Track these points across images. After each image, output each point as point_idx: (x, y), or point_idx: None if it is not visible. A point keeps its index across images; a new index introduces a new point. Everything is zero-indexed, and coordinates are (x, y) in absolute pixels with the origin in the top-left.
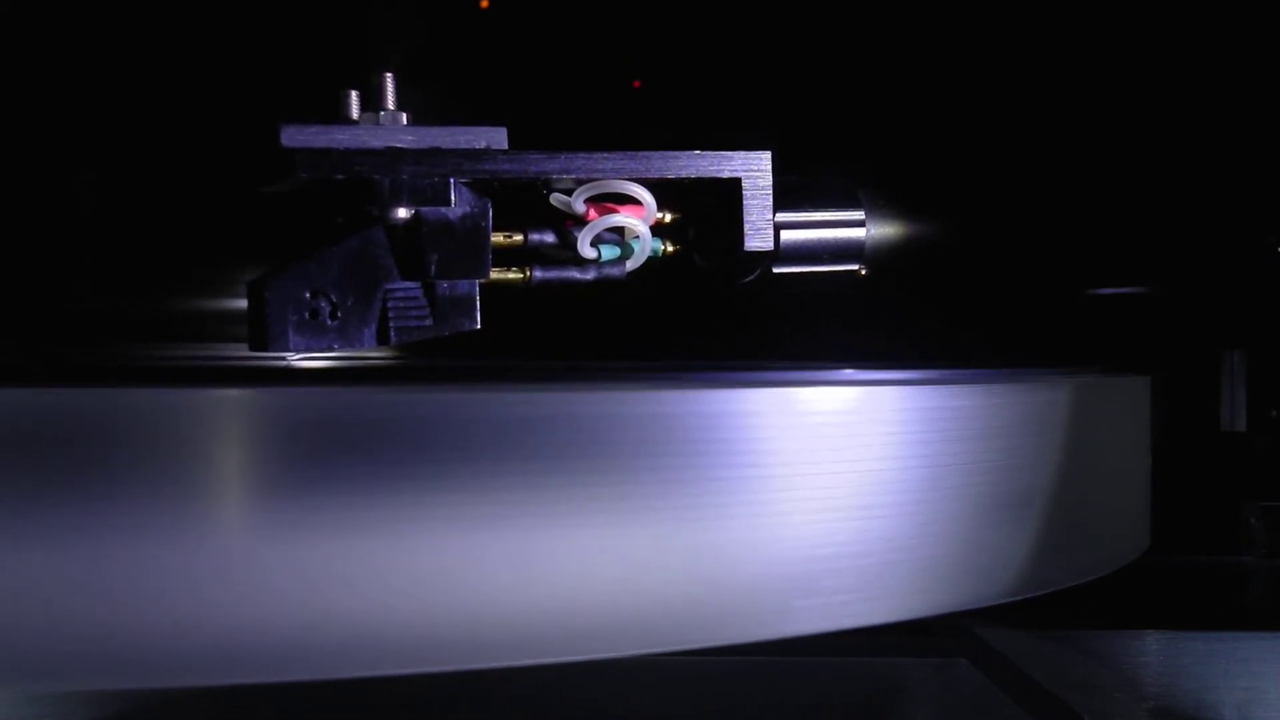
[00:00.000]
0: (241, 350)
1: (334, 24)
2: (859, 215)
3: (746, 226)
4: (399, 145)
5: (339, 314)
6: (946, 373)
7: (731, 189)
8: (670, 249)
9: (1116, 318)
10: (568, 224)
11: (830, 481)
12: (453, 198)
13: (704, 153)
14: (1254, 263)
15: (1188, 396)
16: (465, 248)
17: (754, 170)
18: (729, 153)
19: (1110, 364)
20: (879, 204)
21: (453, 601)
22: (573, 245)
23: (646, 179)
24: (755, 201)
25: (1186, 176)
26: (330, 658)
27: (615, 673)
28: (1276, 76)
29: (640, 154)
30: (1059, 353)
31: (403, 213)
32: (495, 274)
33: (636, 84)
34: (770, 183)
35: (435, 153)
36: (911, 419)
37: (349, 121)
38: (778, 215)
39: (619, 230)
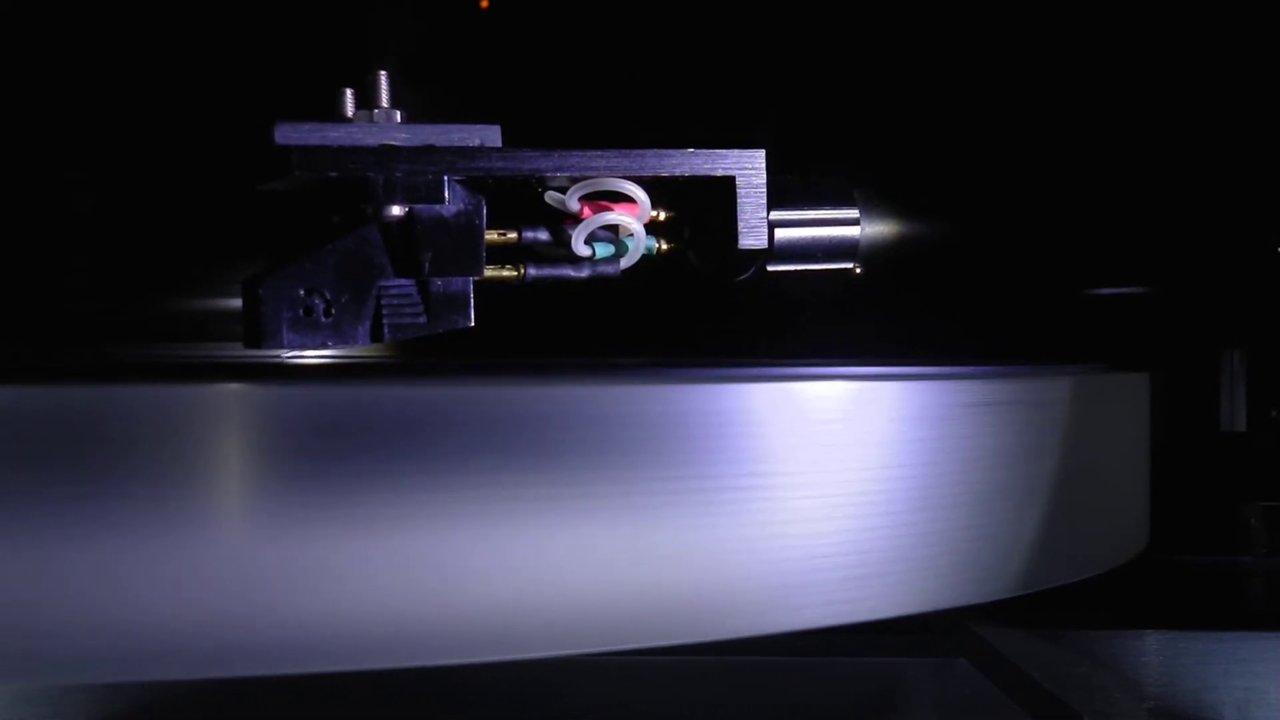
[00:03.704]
0: (236, 348)
1: (332, 23)
2: (853, 213)
3: (741, 225)
4: (393, 143)
5: (333, 311)
6: (945, 369)
7: (726, 187)
8: (664, 247)
9: (1116, 317)
10: (564, 222)
11: (829, 476)
12: (447, 195)
13: (698, 151)
14: (1254, 263)
15: (1188, 396)
16: (459, 245)
17: (748, 168)
18: (723, 151)
19: (1110, 363)
20: (874, 202)
21: (450, 597)
22: (567, 243)
23: (641, 177)
24: (749, 200)
25: (1186, 176)
26: (327, 652)
27: (615, 672)
28: (1276, 76)
29: (634, 152)
30: (1058, 352)
31: (397, 210)
32: (489, 272)
33: (634, 83)
34: (764, 181)
35: (429, 150)
36: (910, 414)
37: (344, 120)
38: (772, 213)
39: (613, 228)
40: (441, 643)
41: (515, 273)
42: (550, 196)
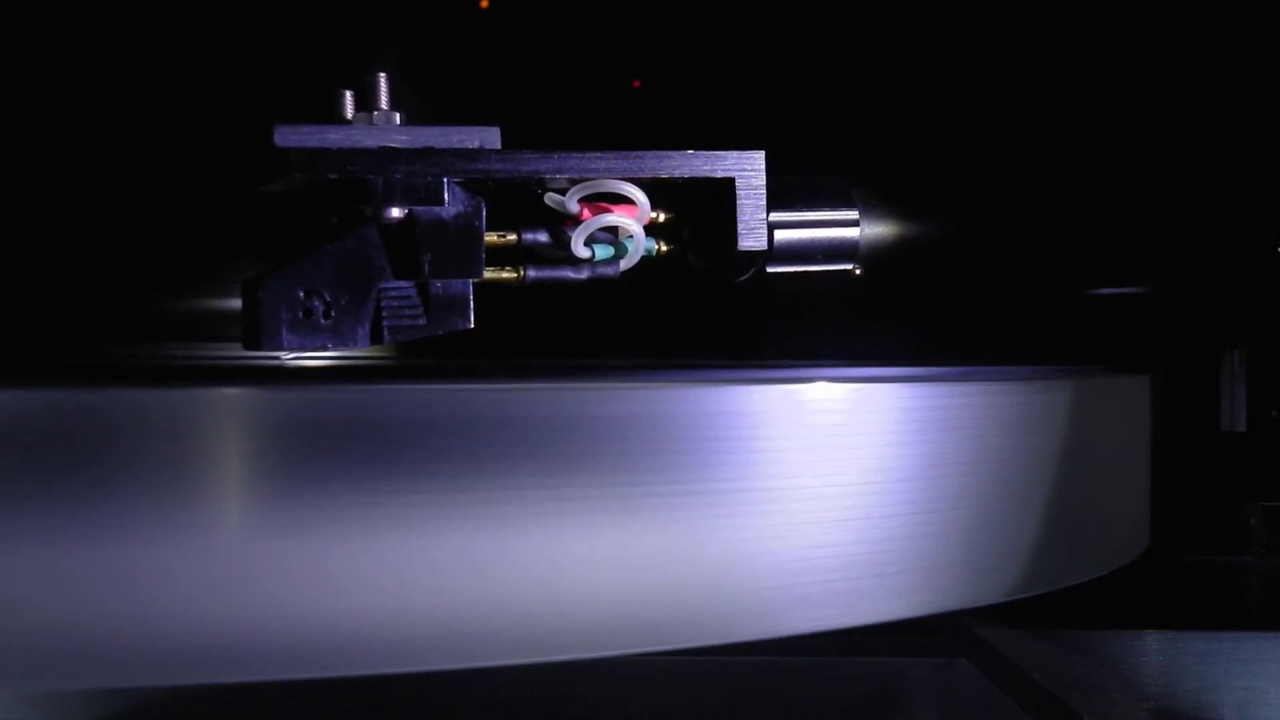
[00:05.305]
0: (236, 350)
1: (332, 24)
2: (853, 215)
3: (740, 226)
4: (393, 145)
5: (333, 313)
6: (946, 370)
7: (725, 188)
8: (664, 248)
9: (1116, 317)
10: (564, 224)
11: (830, 479)
12: (446, 197)
13: (697, 152)
14: (1254, 262)
15: (1188, 396)
16: (459, 247)
17: (747, 170)
18: (722, 152)
19: (1110, 363)
20: (873, 203)
21: (451, 599)
22: (566, 245)
23: (640, 178)
24: (749, 201)
25: (1186, 176)
26: (329, 656)
27: (615, 673)
28: (1276, 76)
29: (634, 153)
30: (1058, 352)
31: (396, 212)
32: (489, 273)
33: (636, 84)
34: (764, 182)
35: (429, 152)
36: (911, 416)
37: (343, 121)
38: (771, 215)
39: (613, 230)
40: (440, 647)
41: (515, 274)
42: (550, 198)
